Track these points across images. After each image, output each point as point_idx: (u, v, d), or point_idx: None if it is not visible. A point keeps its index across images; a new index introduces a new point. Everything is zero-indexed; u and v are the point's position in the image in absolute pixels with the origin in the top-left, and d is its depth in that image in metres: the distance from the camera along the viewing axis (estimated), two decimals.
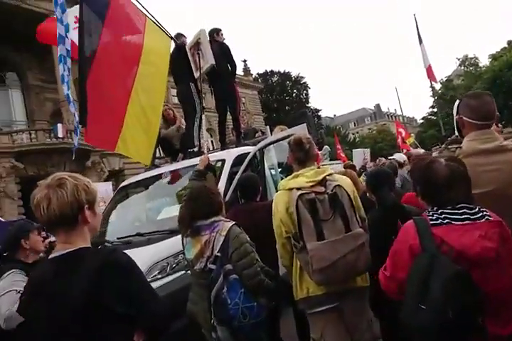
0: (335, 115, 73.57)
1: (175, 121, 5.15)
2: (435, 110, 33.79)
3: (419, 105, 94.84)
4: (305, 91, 43.40)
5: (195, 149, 4.87)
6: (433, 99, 33.51)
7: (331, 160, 14.73)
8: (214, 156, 4.43)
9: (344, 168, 9.07)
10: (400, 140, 11.24)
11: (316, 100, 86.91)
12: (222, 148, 5.00)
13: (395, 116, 59.84)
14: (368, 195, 2.57)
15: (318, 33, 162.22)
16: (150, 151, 3.94)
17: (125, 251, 1.25)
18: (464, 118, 1.83)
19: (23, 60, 18.70)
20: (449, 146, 1.87)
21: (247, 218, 2.70)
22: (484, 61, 36.86)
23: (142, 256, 3.27)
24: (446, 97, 32.76)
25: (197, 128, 4.69)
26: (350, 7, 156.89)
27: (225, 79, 4.84)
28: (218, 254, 2.12)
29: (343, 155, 13.67)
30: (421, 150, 8.21)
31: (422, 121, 42.96)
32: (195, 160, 4.29)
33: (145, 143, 3.85)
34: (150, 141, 3.92)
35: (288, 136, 3.95)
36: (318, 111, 45.27)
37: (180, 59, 4.29)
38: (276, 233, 2.20)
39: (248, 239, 2.21)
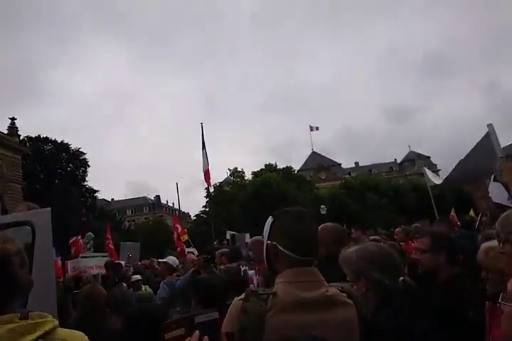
0: (113, 199, 69.61)
1: None
2: (207, 209, 37.08)
3: (194, 203, 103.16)
4: (83, 168, 39.55)
5: None
6: (206, 200, 37.03)
7: (96, 251, 12.43)
8: None
9: (105, 266, 7.49)
10: (175, 236, 10.77)
11: (94, 180, 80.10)
12: None
13: (173, 210, 62.17)
14: None
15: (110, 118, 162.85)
16: None
17: None
18: (280, 247, 1.23)
19: None
20: (260, 291, 1.16)
21: None
22: (249, 175, 44.98)
23: None
24: (217, 200, 36.97)
25: None
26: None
27: None
28: None
29: (112, 247, 11.81)
30: (195, 253, 7.87)
31: (195, 217, 45.90)
32: None
33: None
34: None
35: (16, 223, 2.55)
36: (94, 191, 41.46)
37: None
38: None
39: None
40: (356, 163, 76.15)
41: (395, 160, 74.13)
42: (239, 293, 2.66)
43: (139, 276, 6.00)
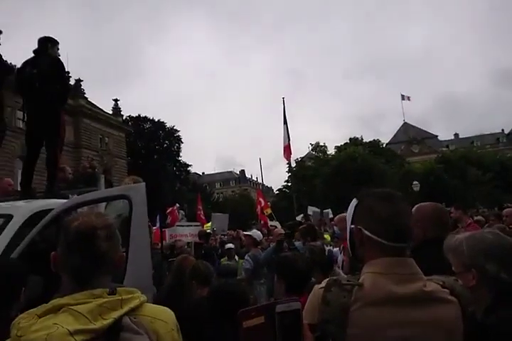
0: (203, 173, 74.64)
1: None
2: (289, 184, 37.29)
3: (277, 177, 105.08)
4: (177, 144, 42.89)
5: None
6: (288, 175, 37.16)
7: (189, 220, 13.57)
8: None
9: (199, 235, 8.09)
10: (259, 210, 11.12)
11: (187, 155, 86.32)
12: (22, 197, 3.43)
13: (256, 184, 64.22)
14: None
15: (202, 97, 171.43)
16: None
17: None
18: (366, 232, 1.08)
19: None
20: (343, 281, 1.05)
21: None
22: (331, 150, 43.56)
23: None
24: (299, 175, 36.82)
25: None
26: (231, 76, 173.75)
27: (48, 103, 3.54)
28: None
29: (203, 217, 12.76)
30: (278, 226, 8.01)
31: (277, 192, 46.73)
32: None
33: None
34: None
35: (114, 197, 2.82)
36: (187, 166, 44.93)
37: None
38: None
39: None
40: (456, 135, 68.20)
41: (503, 130, 64.28)
42: (323, 272, 2.60)
43: (231, 245, 6.32)
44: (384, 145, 45.53)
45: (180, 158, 43.33)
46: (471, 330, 1.08)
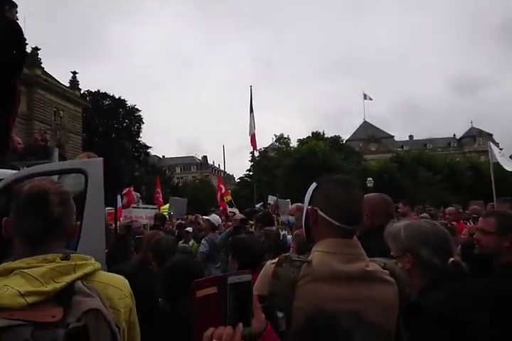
0: (164, 156, 72.97)
1: None
2: (251, 173, 37.57)
3: (239, 166, 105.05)
4: (137, 124, 41.39)
5: None
6: (251, 164, 37.43)
7: (147, 203, 13.26)
8: None
9: (155, 218, 7.95)
10: (219, 196, 11.12)
11: (147, 136, 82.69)
12: None
13: (218, 171, 64.04)
14: None
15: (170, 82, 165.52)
16: None
17: None
18: (321, 213, 1.16)
19: None
20: (294, 258, 1.12)
21: None
22: (294, 142, 44.26)
23: None
24: (262, 165, 37.15)
25: None
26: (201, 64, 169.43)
27: (3, 70, 3.29)
28: None
29: (161, 200, 12.53)
30: (237, 213, 8.09)
31: (239, 180, 46.92)
32: None
33: None
34: None
35: (70, 170, 2.71)
36: (147, 147, 43.59)
37: None
38: None
39: None
40: (410, 136, 71.94)
41: (454, 135, 68.86)
42: (276, 255, 2.70)
43: (190, 229, 6.35)
44: (344, 142, 46.95)
45: (140, 139, 41.97)
46: (406, 310, 1.19)
